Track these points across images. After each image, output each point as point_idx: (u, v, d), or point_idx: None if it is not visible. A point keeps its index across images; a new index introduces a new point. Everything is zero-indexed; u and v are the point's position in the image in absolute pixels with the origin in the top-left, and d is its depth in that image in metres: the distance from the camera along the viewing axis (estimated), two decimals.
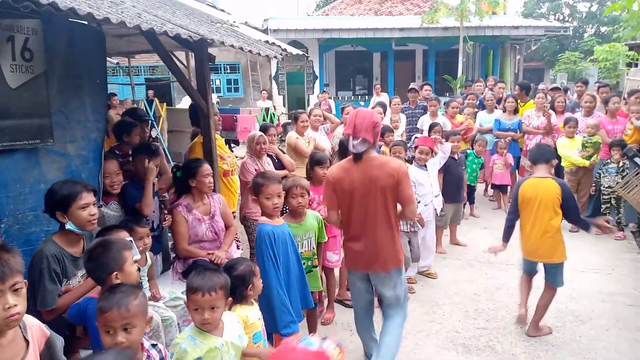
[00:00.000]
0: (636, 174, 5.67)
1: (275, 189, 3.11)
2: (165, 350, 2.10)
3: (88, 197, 2.76)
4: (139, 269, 2.89)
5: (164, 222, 3.83)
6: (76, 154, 3.46)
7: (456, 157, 5.95)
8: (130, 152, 4.13)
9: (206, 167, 3.74)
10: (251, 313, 2.68)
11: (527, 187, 3.99)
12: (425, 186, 5.14)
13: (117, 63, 10.76)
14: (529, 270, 4.21)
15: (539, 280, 4.22)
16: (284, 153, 5.38)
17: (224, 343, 2.29)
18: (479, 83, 10.07)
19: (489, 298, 4.77)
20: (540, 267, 4.11)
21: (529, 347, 3.93)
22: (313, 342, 2.00)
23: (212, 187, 3.78)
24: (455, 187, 5.90)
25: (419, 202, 4.87)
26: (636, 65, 11.83)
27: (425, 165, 5.24)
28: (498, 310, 4.52)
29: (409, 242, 4.86)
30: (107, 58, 9.54)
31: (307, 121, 5.74)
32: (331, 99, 14.68)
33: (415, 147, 5.30)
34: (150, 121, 6.63)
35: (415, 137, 6.33)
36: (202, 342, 2.23)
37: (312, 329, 3.95)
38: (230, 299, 2.41)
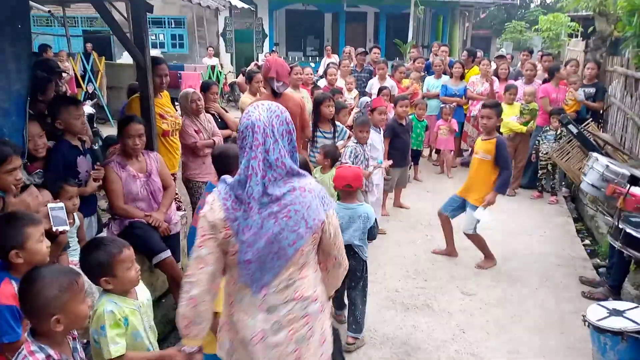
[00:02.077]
0: (569, 141, 5.90)
1: None
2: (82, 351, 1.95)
3: (16, 161, 2.60)
4: (65, 232, 2.72)
5: (92, 173, 3.53)
6: None
7: (404, 122, 5.96)
8: (47, 111, 3.74)
9: (133, 127, 3.48)
10: (125, 305, 2.57)
11: None
12: (378, 149, 5.21)
13: (49, 11, 9.97)
14: None
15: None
16: (226, 112, 5.21)
17: (141, 304, 2.25)
18: (414, 49, 10.22)
19: (428, 259, 4.91)
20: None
21: (464, 305, 4.09)
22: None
23: (136, 150, 3.53)
24: (401, 152, 5.94)
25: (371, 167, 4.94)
26: (577, 36, 12.21)
27: (379, 128, 5.29)
28: (437, 271, 4.66)
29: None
30: (38, 5, 8.87)
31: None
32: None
33: (373, 110, 5.30)
34: (62, 73, 6.11)
35: (368, 102, 6.32)
36: (122, 304, 2.15)
37: None
38: None
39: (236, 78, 14.29)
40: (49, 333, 1.73)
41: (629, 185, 3.57)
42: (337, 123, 5.17)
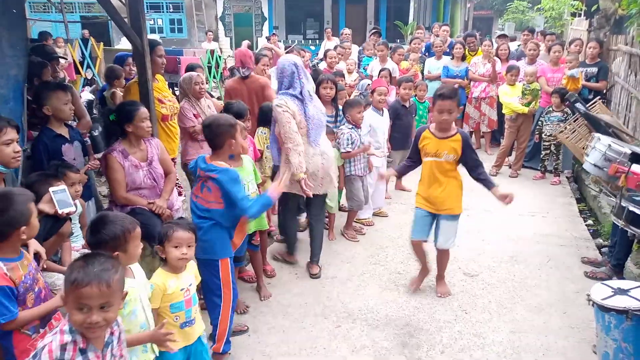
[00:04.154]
0: (575, 120, 5.86)
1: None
2: (121, 323, 1.92)
3: (11, 133, 2.61)
4: (70, 219, 2.73)
5: (89, 164, 3.56)
6: None
7: (407, 104, 5.89)
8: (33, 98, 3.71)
9: (144, 111, 3.50)
10: (172, 282, 2.51)
11: None
12: (378, 133, 5.16)
13: None
14: None
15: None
16: (212, 96, 5.23)
17: (137, 284, 2.27)
18: (420, 30, 10.12)
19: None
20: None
21: (467, 286, 4.10)
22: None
23: (150, 131, 3.56)
24: (404, 134, 5.90)
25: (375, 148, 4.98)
26: (580, 15, 12.04)
27: (382, 110, 5.25)
28: None
29: (362, 184, 4.93)
30: None
31: (268, 65, 5.55)
32: (281, 42, 14.23)
33: (373, 91, 5.26)
34: (60, 59, 6.04)
35: (368, 84, 6.27)
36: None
37: (257, 270, 3.96)
38: None
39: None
40: None
41: (630, 163, 3.54)
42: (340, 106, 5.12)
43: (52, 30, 13.61)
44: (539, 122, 6.62)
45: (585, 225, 5.37)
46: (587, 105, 5.72)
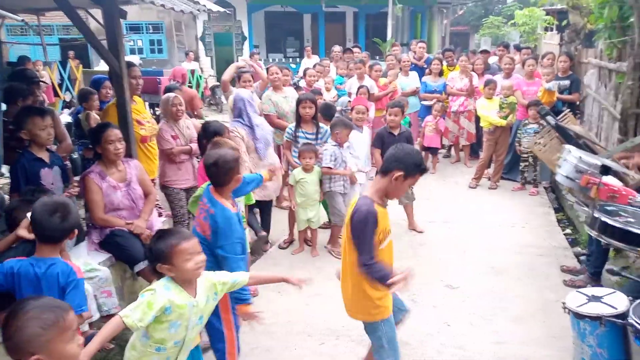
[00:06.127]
0: (547, 132, 5.99)
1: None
2: None
3: None
4: None
5: (68, 191, 3.56)
6: None
7: (395, 132, 5.27)
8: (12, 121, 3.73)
9: (111, 133, 3.47)
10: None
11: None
12: (358, 149, 5.19)
13: (23, 20, 9.82)
14: None
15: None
16: (191, 117, 5.27)
17: (195, 304, 2.26)
18: (395, 47, 10.33)
19: (412, 255, 4.94)
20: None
21: (449, 298, 4.13)
22: None
23: (119, 154, 3.52)
24: None
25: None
26: (552, 30, 12.38)
27: (362, 128, 5.29)
28: (420, 266, 4.67)
29: (344, 200, 4.95)
30: (11, 15, 8.74)
31: (250, 81, 5.62)
32: (262, 60, 14.33)
33: (351, 109, 5.32)
34: (39, 82, 6.01)
35: (349, 101, 6.34)
36: (176, 295, 2.18)
37: None
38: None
39: (217, 82, 14.23)
40: None
41: (601, 175, 3.63)
42: (321, 125, 5.15)
43: (31, 52, 13.52)
44: (518, 135, 6.74)
45: (564, 234, 5.46)
46: (558, 118, 5.86)
